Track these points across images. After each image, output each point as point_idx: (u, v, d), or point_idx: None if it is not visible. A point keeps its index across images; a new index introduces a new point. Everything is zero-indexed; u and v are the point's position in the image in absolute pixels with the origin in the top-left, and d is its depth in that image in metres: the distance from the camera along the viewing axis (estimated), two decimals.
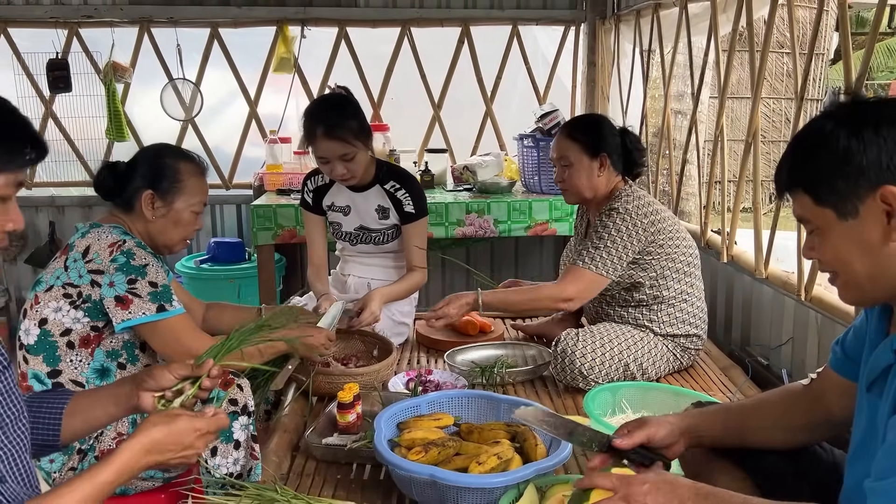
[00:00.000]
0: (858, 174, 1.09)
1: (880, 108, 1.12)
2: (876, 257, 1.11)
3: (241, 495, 1.65)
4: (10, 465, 1.23)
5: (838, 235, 1.14)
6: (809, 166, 1.15)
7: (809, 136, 1.17)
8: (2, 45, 4.23)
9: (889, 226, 1.08)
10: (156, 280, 1.86)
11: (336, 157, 2.53)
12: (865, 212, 1.10)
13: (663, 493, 1.24)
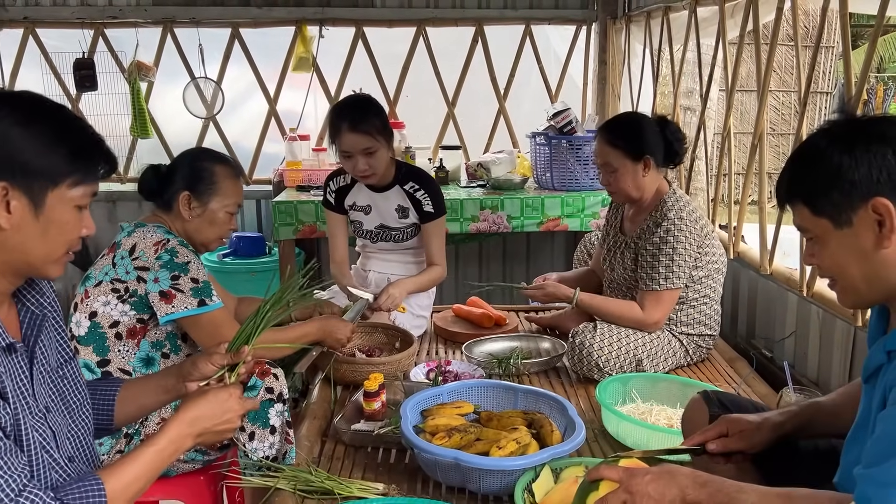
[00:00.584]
0: (851, 187, 1.19)
1: (871, 125, 1.23)
2: (870, 263, 1.22)
3: (279, 476, 1.80)
4: (78, 446, 1.36)
5: (835, 243, 1.24)
6: (807, 180, 1.26)
7: (807, 151, 1.28)
8: (30, 45, 4.36)
9: (881, 234, 1.19)
10: (197, 276, 1.99)
11: (359, 151, 2.64)
12: (859, 221, 1.20)
13: (664, 482, 1.35)
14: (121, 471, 1.23)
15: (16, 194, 1.15)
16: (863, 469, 1.17)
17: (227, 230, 2.16)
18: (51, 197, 1.18)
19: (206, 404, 1.37)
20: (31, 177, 1.15)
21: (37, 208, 1.17)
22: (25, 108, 1.19)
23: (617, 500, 1.38)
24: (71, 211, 1.21)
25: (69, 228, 1.22)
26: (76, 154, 1.20)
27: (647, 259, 2.50)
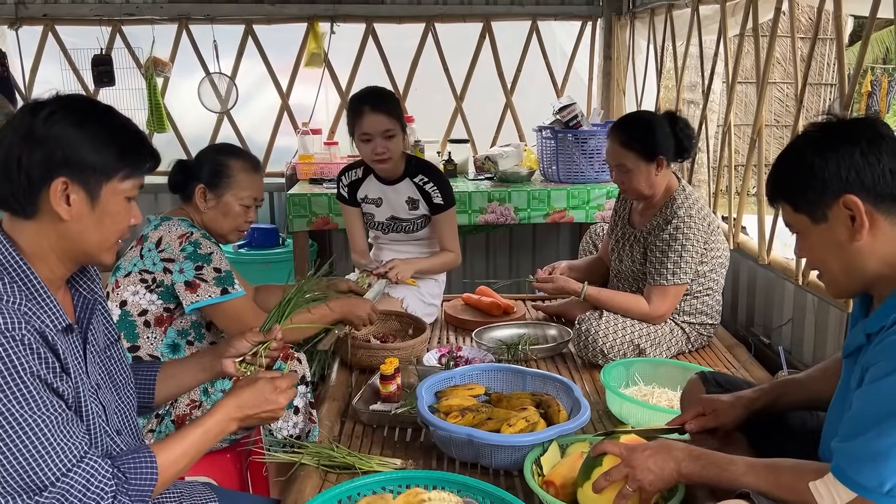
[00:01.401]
0: (823, 185, 1.31)
1: (842, 128, 1.35)
2: (846, 255, 1.33)
3: (303, 452, 1.92)
4: (124, 421, 1.48)
5: (814, 238, 1.36)
6: (787, 180, 1.38)
7: (787, 154, 1.40)
8: (50, 42, 4.48)
9: (853, 228, 1.30)
10: (220, 266, 2.10)
11: (380, 132, 2.76)
12: (833, 217, 1.32)
13: (662, 456, 1.48)
14: (171, 446, 1.35)
15: (74, 188, 1.26)
16: (839, 442, 1.29)
17: (244, 222, 2.25)
18: (105, 190, 1.29)
19: (253, 393, 1.48)
20: (87, 172, 1.27)
21: (93, 200, 1.29)
22: (79, 110, 1.29)
23: (619, 474, 1.51)
24: (122, 202, 1.33)
25: (120, 218, 1.33)
26: (126, 151, 1.31)
27: (657, 255, 2.59)
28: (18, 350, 1.18)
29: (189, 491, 1.64)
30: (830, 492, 1.29)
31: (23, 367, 1.18)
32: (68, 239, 1.30)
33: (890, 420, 1.20)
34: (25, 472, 1.17)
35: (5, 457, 1.16)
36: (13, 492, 1.17)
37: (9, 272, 1.25)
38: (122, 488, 1.25)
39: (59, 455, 1.19)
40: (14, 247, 1.28)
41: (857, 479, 1.25)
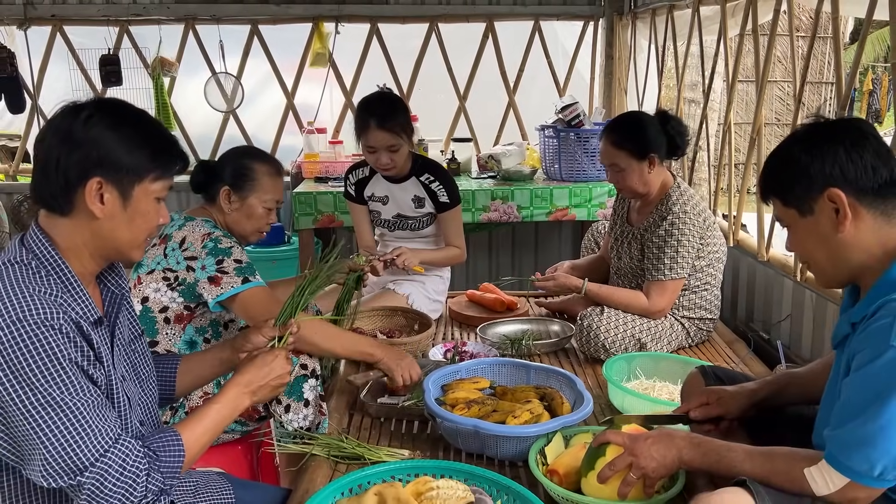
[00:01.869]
0: (810, 180, 1.38)
1: (827, 127, 1.42)
2: (832, 246, 1.40)
3: (314, 443, 1.97)
4: (146, 411, 1.54)
5: (802, 230, 1.44)
6: (777, 177, 1.46)
7: (777, 153, 1.47)
8: (58, 42, 4.53)
9: (837, 220, 1.37)
10: (240, 258, 2.15)
11: (384, 147, 2.81)
12: (819, 210, 1.39)
13: (664, 444, 1.54)
14: (192, 425, 1.42)
15: (108, 188, 1.33)
16: (830, 430, 1.35)
17: (265, 224, 2.32)
18: (137, 190, 1.36)
19: (255, 366, 1.56)
20: (120, 173, 1.33)
21: (125, 200, 1.35)
22: (115, 113, 1.36)
23: (623, 463, 1.56)
24: (152, 202, 1.39)
25: (150, 217, 1.40)
26: (157, 153, 1.38)
27: (654, 251, 2.65)
28: (58, 338, 1.24)
29: (204, 480, 1.70)
30: (824, 477, 1.34)
31: (62, 354, 1.24)
32: (101, 236, 1.36)
33: (875, 405, 1.26)
34: (67, 453, 1.22)
35: (48, 439, 1.22)
36: (55, 473, 1.23)
37: (45, 266, 1.32)
38: (155, 465, 1.31)
39: (96, 437, 1.25)
40: (50, 242, 1.34)
41: (849, 464, 1.30)
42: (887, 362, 1.26)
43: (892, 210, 1.37)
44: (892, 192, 1.37)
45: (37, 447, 1.22)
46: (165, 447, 1.34)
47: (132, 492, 1.27)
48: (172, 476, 1.34)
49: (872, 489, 1.33)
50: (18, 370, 1.21)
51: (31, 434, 1.22)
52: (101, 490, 1.24)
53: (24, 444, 1.24)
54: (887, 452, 1.27)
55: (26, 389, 1.21)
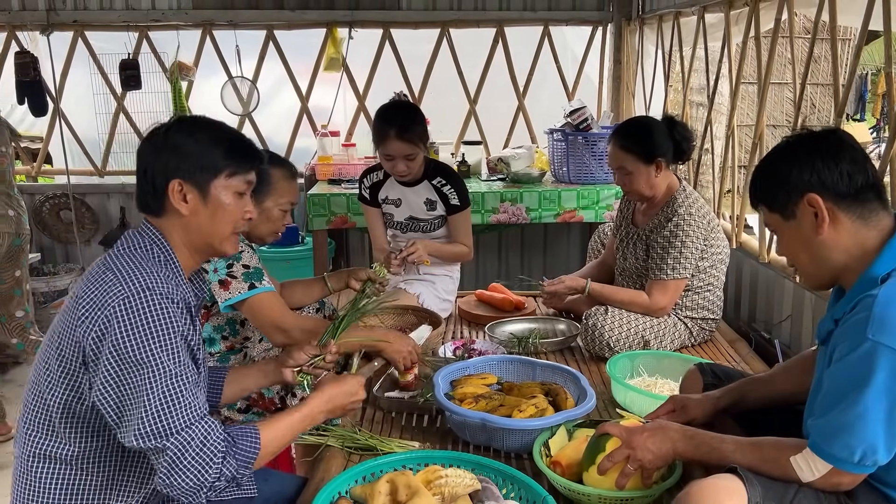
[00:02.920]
0: (791, 186, 1.48)
1: (807, 137, 1.51)
2: (813, 248, 1.49)
3: (329, 435, 2.07)
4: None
5: (787, 234, 1.53)
6: (762, 184, 1.55)
7: (763, 162, 1.57)
8: (79, 47, 4.67)
9: (816, 222, 1.46)
10: (249, 263, 2.24)
11: (402, 156, 2.91)
12: (800, 214, 1.49)
13: (659, 436, 1.63)
14: (272, 426, 1.52)
15: (188, 187, 1.49)
16: (813, 420, 1.43)
17: (282, 225, 2.40)
18: (213, 186, 1.51)
19: (340, 388, 1.69)
20: (197, 173, 1.49)
21: (204, 197, 1.51)
22: (191, 123, 1.54)
23: (621, 455, 1.65)
24: (231, 196, 1.54)
25: (231, 210, 1.54)
26: (230, 151, 1.54)
27: (658, 251, 2.72)
28: (176, 313, 1.40)
29: None
30: (809, 465, 1.43)
31: (176, 327, 1.39)
32: (190, 231, 1.53)
33: (852, 395, 1.35)
34: (159, 417, 1.35)
35: (149, 399, 1.34)
36: (146, 434, 1.34)
37: (162, 252, 1.50)
38: (232, 451, 1.41)
39: (187, 408, 1.37)
40: (163, 236, 1.51)
41: (831, 451, 1.39)
42: (864, 353, 1.34)
43: (869, 213, 1.46)
44: (867, 197, 1.46)
45: (139, 405, 1.34)
46: (244, 438, 1.45)
47: (208, 469, 1.37)
48: (246, 466, 1.43)
49: (854, 475, 1.41)
50: (139, 332, 1.36)
51: (137, 391, 1.34)
52: (181, 459, 1.35)
53: (128, 400, 1.35)
54: (865, 439, 1.35)
55: (143, 350, 1.35)
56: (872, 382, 1.34)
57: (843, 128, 1.81)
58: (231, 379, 1.83)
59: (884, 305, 1.35)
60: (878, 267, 1.43)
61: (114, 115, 4.81)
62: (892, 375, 1.33)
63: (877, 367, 1.33)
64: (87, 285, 1.44)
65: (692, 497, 1.44)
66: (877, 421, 1.35)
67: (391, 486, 1.64)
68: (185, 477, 1.35)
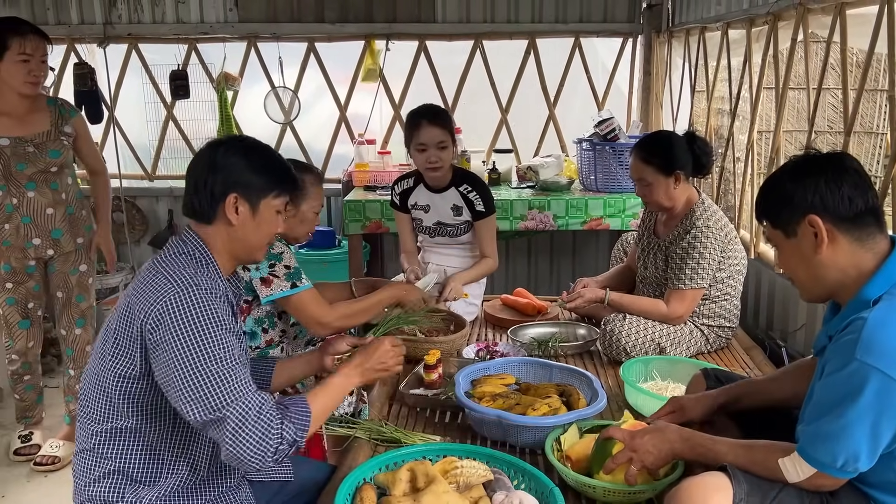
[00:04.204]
0: (793, 207, 1.57)
1: (815, 160, 1.61)
2: (812, 266, 1.59)
3: (357, 427, 2.25)
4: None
5: (787, 251, 1.63)
6: (767, 203, 1.65)
7: (768, 181, 1.68)
8: (133, 58, 4.94)
9: (816, 242, 1.56)
10: (290, 263, 2.44)
11: (435, 143, 3.09)
12: (801, 233, 1.58)
13: (658, 438, 1.76)
14: (318, 396, 1.72)
15: (241, 202, 1.70)
16: (802, 427, 1.55)
17: (314, 227, 2.63)
18: (262, 204, 1.72)
19: (365, 352, 1.89)
20: (251, 190, 1.70)
21: (254, 211, 1.72)
22: (245, 146, 1.74)
23: (624, 457, 1.79)
24: (273, 214, 1.75)
25: (272, 225, 1.76)
26: (279, 176, 1.75)
27: (676, 261, 2.84)
28: (219, 306, 1.59)
29: None
30: (796, 467, 1.55)
31: (221, 317, 1.57)
32: (235, 239, 1.73)
33: (839, 408, 1.46)
34: (214, 392, 1.51)
35: (202, 380, 1.51)
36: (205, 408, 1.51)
37: (203, 258, 1.69)
38: (288, 415, 1.59)
39: (237, 383, 1.54)
40: (203, 242, 1.71)
41: (816, 456, 1.51)
42: (850, 372, 1.45)
43: (867, 237, 1.55)
44: (866, 221, 1.55)
45: (196, 384, 1.51)
46: (295, 405, 1.63)
47: (269, 433, 1.53)
48: (303, 430, 1.60)
49: (836, 478, 1.53)
50: (190, 321, 1.53)
51: (192, 372, 1.52)
52: (242, 427, 1.51)
53: (186, 381, 1.51)
54: (847, 448, 1.47)
55: (194, 337, 1.52)
56: (859, 400, 1.44)
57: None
58: (280, 369, 2.04)
59: (872, 329, 1.45)
60: (871, 290, 1.53)
61: (163, 123, 5.07)
62: (878, 394, 1.43)
63: (863, 386, 1.43)
64: (140, 287, 1.63)
65: (682, 492, 1.58)
66: (861, 433, 1.45)
67: (411, 474, 1.80)
68: (249, 443, 1.51)
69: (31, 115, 3.09)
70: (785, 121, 3.04)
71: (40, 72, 3.02)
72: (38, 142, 3.08)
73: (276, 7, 4.83)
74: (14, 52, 2.92)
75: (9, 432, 3.49)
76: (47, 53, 3.06)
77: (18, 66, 2.94)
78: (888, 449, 1.47)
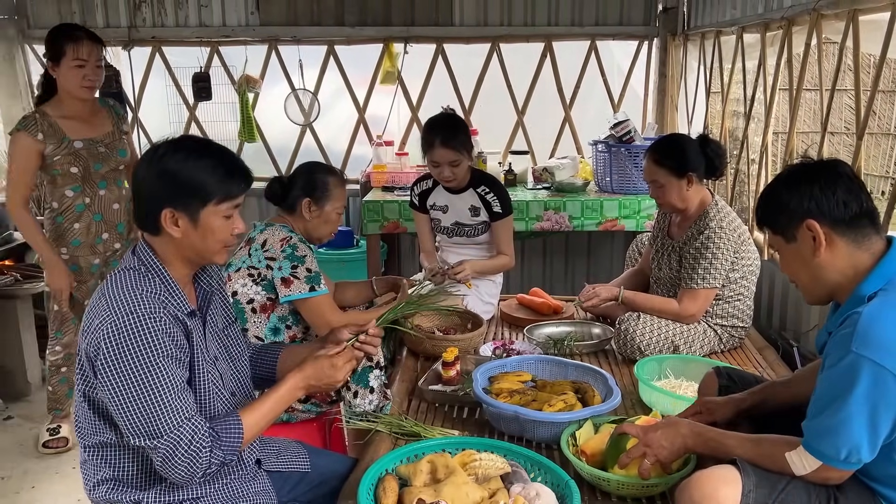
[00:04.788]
0: (791, 213, 1.64)
1: (809, 168, 1.67)
2: (811, 268, 1.66)
3: (379, 421, 2.32)
4: (238, 385, 1.89)
5: (788, 254, 1.70)
6: (767, 209, 1.72)
7: (767, 189, 1.74)
8: (157, 61, 5.05)
9: (814, 246, 1.63)
10: (311, 267, 2.52)
11: (447, 162, 3.16)
12: (800, 237, 1.65)
13: (671, 433, 1.82)
14: (253, 410, 1.73)
15: (179, 215, 1.64)
16: (806, 422, 1.61)
17: (337, 227, 2.70)
18: (203, 213, 1.66)
19: (313, 367, 1.81)
20: (186, 202, 1.64)
21: (195, 222, 1.66)
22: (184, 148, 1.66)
23: (638, 451, 1.85)
24: (220, 220, 1.68)
25: (221, 231, 1.69)
26: (220, 179, 1.66)
27: (690, 261, 2.89)
28: (158, 330, 1.57)
29: (285, 446, 2.06)
30: (802, 460, 1.61)
31: (158, 345, 1.57)
32: (183, 248, 1.70)
33: (838, 401, 1.52)
34: (148, 421, 1.56)
35: (136, 409, 1.56)
36: (139, 434, 1.57)
37: (150, 271, 1.68)
38: (217, 443, 1.64)
39: (174, 413, 1.57)
40: (154, 252, 1.70)
41: (820, 449, 1.57)
42: (848, 364, 1.51)
43: (862, 238, 1.62)
44: (861, 223, 1.62)
45: (131, 411, 1.56)
46: (228, 429, 1.66)
47: (197, 460, 1.59)
48: (232, 452, 1.66)
49: (841, 470, 1.58)
50: (125, 351, 1.55)
51: (128, 399, 1.56)
52: (173, 455, 1.57)
53: (122, 407, 1.56)
54: (850, 440, 1.52)
55: (129, 366, 1.54)
56: (855, 391, 1.50)
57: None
58: (284, 356, 2.03)
59: (867, 322, 1.51)
60: (867, 287, 1.59)
61: (186, 124, 5.18)
62: (873, 384, 1.49)
63: (859, 377, 1.50)
64: (90, 309, 1.64)
65: (694, 483, 1.64)
66: (860, 424, 1.51)
67: (431, 465, 1.87)
68: (178, 470, 1.58)
69: (93, 117, 3.24)
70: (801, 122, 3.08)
71: (95, 76, 3.15)
72: (108, 142, 3.24)
73: (296, 10, 4.92)
74: (69, 57, 3.04)
75: (38, 425, 3.59)
76: (101, 57, 3.19)
77: (74, 72, 3.06)
78: (888, 439, 1.53)
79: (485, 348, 2.98)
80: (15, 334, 3.92)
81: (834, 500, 1.62)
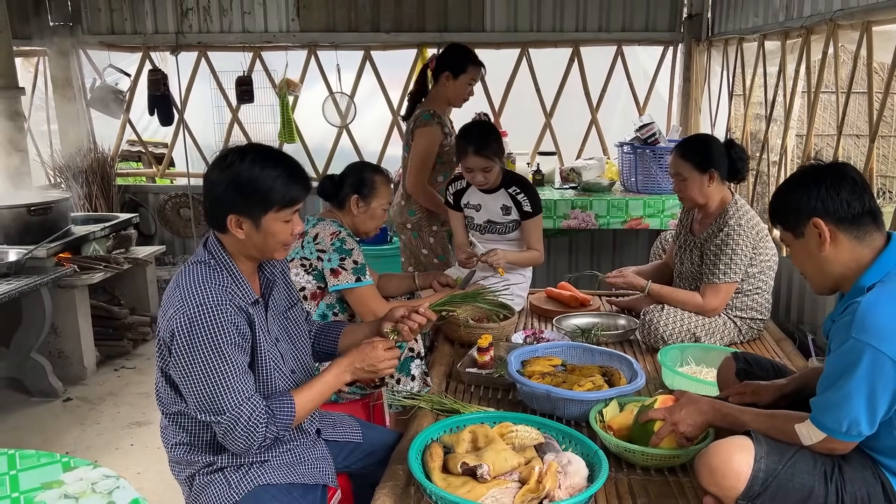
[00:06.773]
0: (799, 211, 1.81)
1: (816, 169, 1.84)
2: (818, 262, 1.82)
3: (421, 398, 2.53)
4: (298, 363, 2.10)
5: (798, 249, 1.86)
6: (778, 208, 1.89)
7: (778, 189, 1.90)
8: (202, 66, 5.31)
9: (820, 241, 1.79)
10: (358, 259, 2.74)
11: (479, 168, 3.36)
12: (807, 234, 1.81)
13: (693, 410, 2.00)
14: (304, 392, 1.93)
15: (243, 220, 1.83)
16: (814, 398, 1.78)
17: (382, 222, 2.91)
18: (265, 219, 1.84)
19: (358, 354, 1.99)
20: (250, 209, 1.83)
21: (257, 227, 1.84)
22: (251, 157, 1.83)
23: (666, 431, 2.03)
24: (280, 224, 1.86)
25: (281, 234, 1.87)
26: (280, 190, 1.83)
27: (711, 257, 3.06)
28: (224, 321, 1.77)
29: (339, 419, 2.27)
30: (809, 433, 1.78)
31: (224, 333, 1.77)
32: (247, 247, 1.89)
33: (840, 380, 1.69)
34: (213, 400, 1.77)
35: (203, 389, 1.77)
36: (205, 411, 1.79)
37: (220, 264, 1.89)
38: (272, 420, 1.86)
39: (235, 394, 1.78)
40: (223, 247, 1.91)
41: (824, 422, 1.74)
42: (848, 348, 1.68)
43: (865, 235, 1.78)
44: (864, 221, 1.78)
45: (198, 389, 1.76)
46: (282, 409, 1.88)
47: (254, 435, 1.82)
48: (285, 428, 1.88)
49: (844, 442, 1.76)
50: (195, 340, 1.75)
51: (197, 380, 1.77)
52: (233, 429, 1.79)
53: (191, 386, 1.77)
54: (849, 414, 1.70)
55: (198, 353, 1.75)
56: (856, 372, 1.67)
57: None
58: (346, 333, 2.26)
59: (865, 310, 1.68)
60: (867, 278, 1.76)
61: (229, 125, 5.44)
62: (872, 366, 1.66)
63: (859, 360, 1.66)
64: (166, 297, 1.84)
65: (711, 450, 1.83)
66: (859, 402, 1.68)
67: (473, 435, 2.07)
68: (236, 442, 1.80)
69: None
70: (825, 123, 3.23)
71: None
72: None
73: (334, 17, 5.15)
74: (469, 75, 3.69)
75: (95, 406, 3.85)
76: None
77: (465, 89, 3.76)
78: (886, 416, 1.70)
79: (516, 336, 3.17)
80: (73, 322, 4.19)
81: (838, 468, 1.79)
